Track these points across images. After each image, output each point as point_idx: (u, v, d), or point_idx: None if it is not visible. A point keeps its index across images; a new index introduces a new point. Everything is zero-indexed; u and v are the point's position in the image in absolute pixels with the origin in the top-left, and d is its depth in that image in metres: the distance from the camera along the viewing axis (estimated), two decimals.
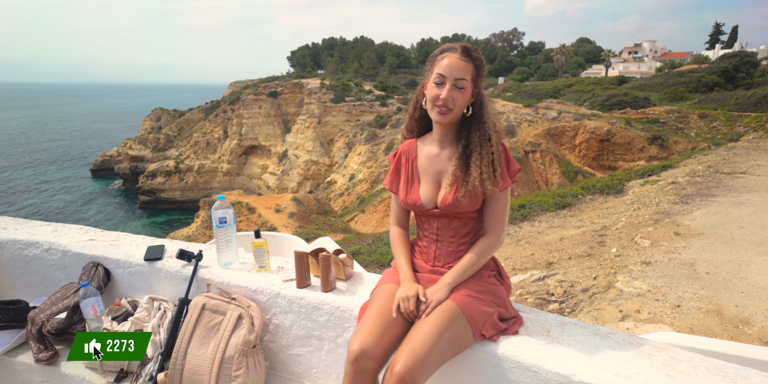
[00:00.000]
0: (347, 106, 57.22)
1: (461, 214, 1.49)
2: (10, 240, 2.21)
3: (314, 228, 27.11)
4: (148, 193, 56.58)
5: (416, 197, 1.54)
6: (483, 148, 1.45)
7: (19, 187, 57.55)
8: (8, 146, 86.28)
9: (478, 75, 1.47)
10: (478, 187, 1.42)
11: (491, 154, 1.44)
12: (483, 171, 1.42)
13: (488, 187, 1.42)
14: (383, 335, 1.35)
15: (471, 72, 1.44)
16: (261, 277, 1.83)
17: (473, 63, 1.44)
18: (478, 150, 1.45)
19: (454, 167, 1.48)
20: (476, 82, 1.46)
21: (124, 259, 2.01)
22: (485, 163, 1.43)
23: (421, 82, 1.58)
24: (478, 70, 1.46)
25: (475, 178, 1.42)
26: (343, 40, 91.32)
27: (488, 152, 1.44)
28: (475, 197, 1.45)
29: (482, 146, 1.45)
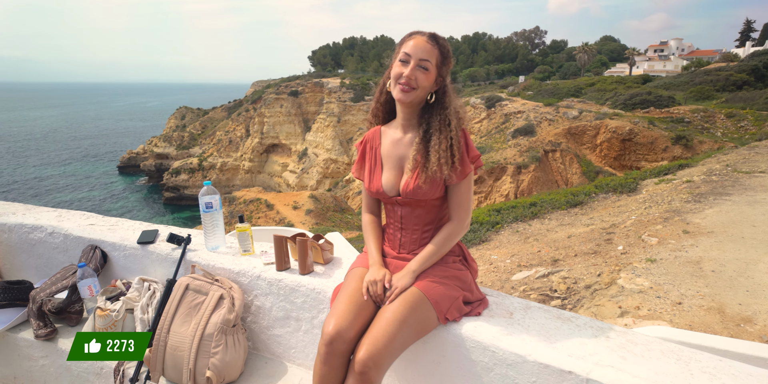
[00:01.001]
0: (366, 105, 57.38)
1: (424, 202, 1.51)
2: (18, 224, 2.35)
3: (330, 225, 27.36)
4: (172, 189, 57.95)
5: (378, 184, 1.56)
6: (442, 132, 1.45)
7: (49, 182, 59.71)
8: (41, 143, 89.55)
9: (444, 63, 1.49)
10: (437, 172, 1.44)
11: (450, 138, 1.45)
12: (441, 156, 1.43)
13: (446, 172, 1.44)
14: (356, 318, 1.39)
15: (436, 57, 1.46)
16: (244, 260, 1.90)
17: (439, 49, 1.47)
18: (437, 134, 1.46)
19: (415, 152, 1.50)
20: (441, 69, 1.49)
21: (120, 243, 2.11)
22: (443, 148, 1.44)
23: (387, 69, 1.61)
24: (444, 58, 1.48)
25: (434, 163, 1.43)
26: (364, 39, 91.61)
27: (447, 137, 1.45)
28: (435, 183, 1.47)
29: (441, 131, 1.46)
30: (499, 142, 35.63)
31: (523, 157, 32.03)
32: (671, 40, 77.56)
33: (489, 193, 30.92)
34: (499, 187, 31.05)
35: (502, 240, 7.11)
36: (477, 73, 71.17)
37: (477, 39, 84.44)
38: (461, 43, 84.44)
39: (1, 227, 2.38)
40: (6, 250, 2.42)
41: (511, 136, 35.06)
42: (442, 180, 1.47)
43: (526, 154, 32.29)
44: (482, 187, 31.07)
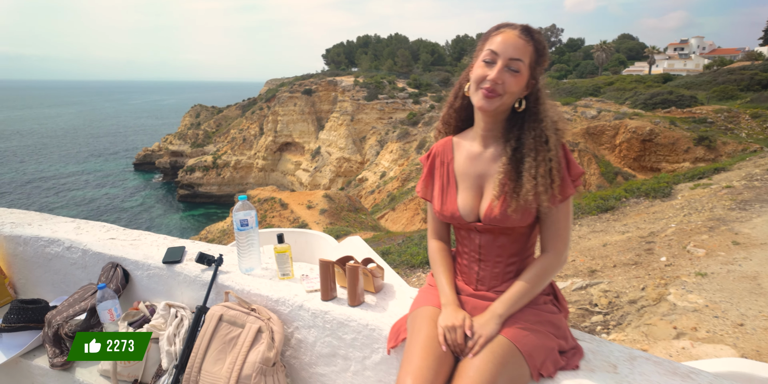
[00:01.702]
0: (380, 103, 57.19)
1: (510, 229, 1.25)
2: (34, 237, 2.16)
3: (345, 225, 27.20)
4: (187, 187, 58.45)
5: (453, 207, 1.30)
6: (539, 152, 1.19)
7: (69, 180, 60.71)
8: (60, 140, 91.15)
9: (538, 62, 1.23)
10: (532, 202, 1.19)
11: (548, 160, 1.19)
12: (538, 183, 1.18)
13: (544, 203, 1.19)
14: (437, 376, 1.15)
15: (530, 55, 1.20)
16: (284, 285, 1.68)
17: (534, 45, 1.20)
18: (532, 155, 1.20)
19: (502, 174, 1.23)
20: (534, 69, 1.23)
21: (143, 261, 1.91)
22: (541, 173, 1.18)
23: (467, 67, 1.35)
24: (539, 56, 1.22)
25: (528, 191, 1.18)
26: (378, 37, 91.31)
27: (545, 159, 1.19)
28: (528, 212, 1.21)
29: (537, 151, 1.20)
30: None
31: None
32: (692, 38, 75.78)
33: None
34: None
35: None
36: None
37: None
38: (476, 41, 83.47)
39: (17, 240, 2.20)
40: (21, 264, 2.24)
41: None
42: (536, 208, 1.22)
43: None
44: None
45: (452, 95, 1.39)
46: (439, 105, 54.82)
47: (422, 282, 6.61)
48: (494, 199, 1.23)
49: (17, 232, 2.20)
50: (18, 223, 2.30)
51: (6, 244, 2.23)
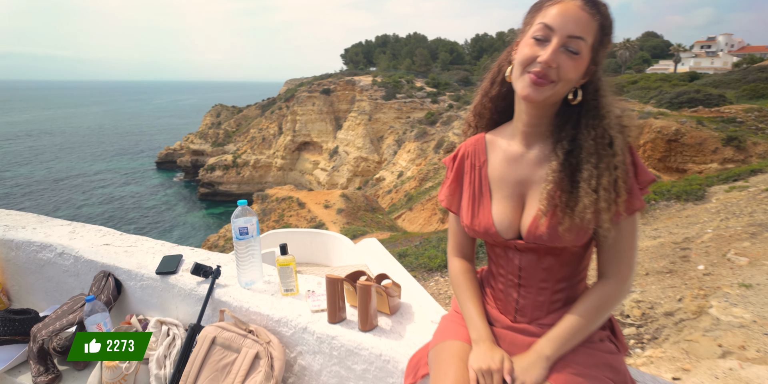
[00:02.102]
0: (398, 102, 56.96)
1: (559, 249, 1.01)
2: (26, 241, 2.02)
3: (361, 225, 27.08)
4: (208, 185, 59.27)
5: (487, 221, 1.07)
6: (601, 158, 0.95)
7: (95, 178, 62.26)
8: (87, 138, 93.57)
9: (602, 43, 0.97)
10: (591, 220, 0.95)
11: (613, 168, 0.94)
12: (600, 197, 0.93)
13: (605, 225, 0.95)
14: None
15: (594, 33, 0.94)
16: (287, 303, 1.48)
17: (600, 20, 0.95)
18: (592, 161, 0.95)
19: (552, 184, 0.99)
20: (597, 52, 0.97)
21: (136, 271, 1.74)
22: (604, 185, 0.94)
23: (508, 46, 1.11)
24: (604, 35, 0.97)
25: (585, 208, 0.94)
26: (396, 36, 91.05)
27: (609, 166, 0.94)
28: (583, 231, 0.97)
29: (600, 155, 0.95)
30: None
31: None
32: (719, 35, 73.34)
33: None
34: None
35: None
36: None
37: (513, 36, 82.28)
38: (495, 40, 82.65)
39: (9, 244, 2.06)
40: (14, 270, 2.10)
41: None
42: (594, 226, 0.98)
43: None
44: None
45: (488, 80, 1.14)
46: (458, 104, 54.24)
47: (440, 287, 6.35)
48: (541, 213, 0.99)
49: (9, 236, 2.06)
50: (12, 225, 2.16)
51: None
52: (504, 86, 1.10)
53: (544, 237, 0.99)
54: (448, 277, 6.88)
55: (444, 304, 5.65)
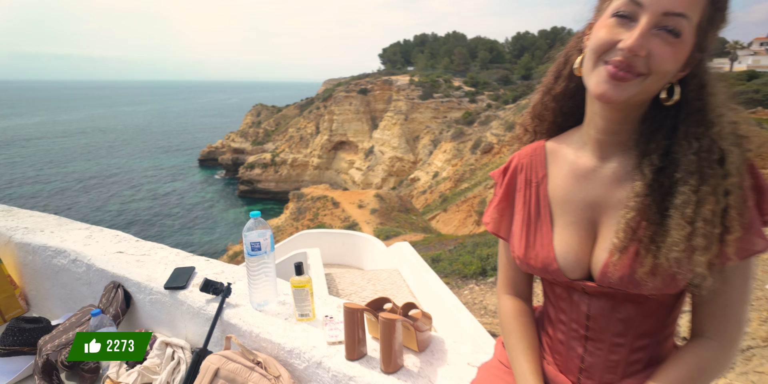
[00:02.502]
0: (435, 102, 56.45)
1: (643, 296, 0.77)
2: (42, 245, 1.94)
3: (395, 225, 26.92)
4: (247, 183, 60.84)
5: (547, 254, 0.83)
6: (705, 180, 0.70)
7: (142, 173, 65.31)
8: (135, 136, 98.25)
9: (712, 21, 0.71)
10: (684, 263, 0.69)
11: (723, 193, 0.69)
12: (697, 231, 0.68)
13: (699, 269, 0.69)
14: None
15: (701, 7, 0.68)
16: (300, 331, 1.30)
17: None
18: (691, 183, 0.70)
19: (633, 211, 0.74)
20: (705, 34, 0.71)
21: (146, 283, 1.61)
22: (705, 215, 0.68)
23: (579, 31, 0.85)
24: (715, 10, 0.70)
25: (674, 244, 0.69)
26: (435, 35, 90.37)
27: (717, 190, 0.69)
28: (673, 276, 0.71)
29: (703, 176, 0.70)
30: None
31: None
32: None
33: None
34: None
35: None
36: None
37: (555, 33, 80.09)
38: (538, 38, 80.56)
39: (26, 248, 1.99)
40: (31, 274, 2.03)
41: None
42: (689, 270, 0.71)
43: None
44: None
45: (552, 74, 0.90)
46: (496, 104, 53.08)
47: (475, 295, 6.06)
48: (616, 249, 0.75)
49: (27, 240, 1.99)
50: (31, 228, 2.10)
51: (17, 252, 2.04)
52: (572, 81, 0.86)
53: (621, 280, 0.74)
54: (483, 285, 6.56)
55: (477, 314, 5.37)
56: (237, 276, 1.63)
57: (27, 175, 59.15)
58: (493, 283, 6.30)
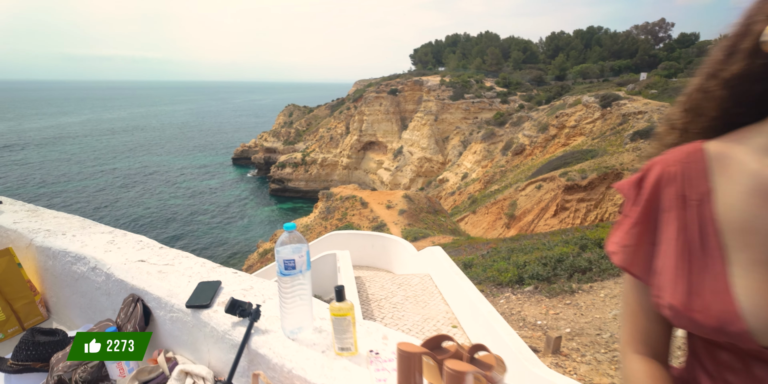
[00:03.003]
0: (465, 103, 55.69)
1: None
2: (62, 250, 1.81)
3: (423, 227, 26.58)
4: (278, 181, 61.78)
5: (727, 308, 0.58)
6: None
7: (179, 170, 67.40)
8: (173, 134, 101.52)
9: None
10: None
11: None
12: None
13: None
14: None
15: None
16: (341, 369, 1.08)
17: None
18: None
19: None
20: None
21: (167, 299, 1.43)
22: None
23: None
24: None
25: None
26: (467, 35, 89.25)
27: None
28: None
29: None
30: (615, 144, 31.95)
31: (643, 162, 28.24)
32: None
33: (600, 202, 27.80)
34: (613, 195, 27.76)
35: None
36: (589, 70, 65.42)
37: (591, 33, 77.69)
38: (573, 38, 78.28)
39: (46, 252, 1.87)
40: (52, 280, 1.91)
41: (629, 138, 31.25)
42: None
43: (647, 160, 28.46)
44: (592, 194, 28.02)
45: (721, 51, 0.66)
46: (529, 104, 51.78)
47: (512, 305, 5.74)
48: None
49: (48, 243, 1.87)
50: (53, 231, 1.98)
51: (38, 256, 1.92)
52: (755, 59, 0.61)
53: None
54: (520, 294, 6.21)
55: (516, 326, 5.06)
56: (267, 293, 1.43)
57: (72, 171, 62.01)
58: (530, 292, 5.95)
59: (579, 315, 4.83)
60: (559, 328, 4.68)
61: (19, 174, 58.77)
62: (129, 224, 40.95)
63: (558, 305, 5.25)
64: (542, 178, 30.40)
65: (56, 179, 57.12)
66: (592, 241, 7.22)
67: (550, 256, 6.72)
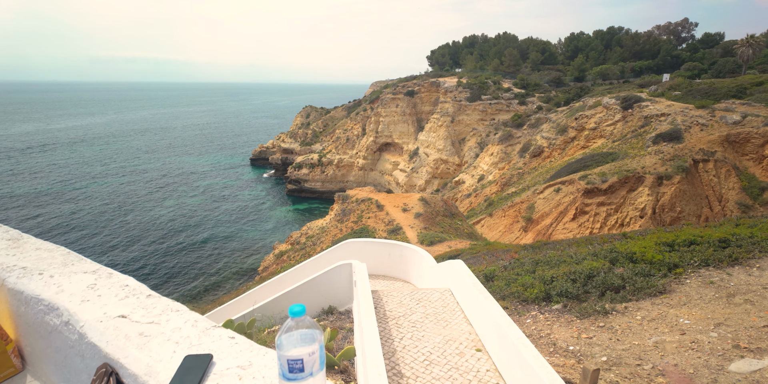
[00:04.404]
0: (483, 104, 54.96)
1: None
2: (35, 297, 1.53)
3: (439, 230, 26.15)
4: (294, 182, 61.96)
5: None
6: None
7: (198, 169, 68.33)
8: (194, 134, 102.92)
9: None
10: None
11: None
12: None
13: None
14: None
15: None
16: None
17: None
18: None
19: None
20: None
21: (144, 378, 1.13)
22: None
23: None
24: None
25: None
26: (485, 37, 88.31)
27: None
28: None
29: None
30: (636, 147, 31.01)
31: (666, 166, 27.34)
32: None
33: (620, 206, 26.96)
34: (634, 199, 26.90)
35: (691, 294, 5.18)
36: (609, 71, 64.02)
37: (611, 34, 76.08)
38: (593, 39, 76.75)
39: (18, 296, 1.60)
40: (25, 328, 1.64)
41: (651, 141, 30.32)
42: None
43: (669, 163, 27.53)
44: (612, 197, 27.19)
45: None
46: (547, 106, 50.78)
47: (539, 326, 5.35)
48: None
49: (20, 286, 1.60)
50: (30, 269, 1.71)
51: (10, 300, 1.65)
52: None
53: None
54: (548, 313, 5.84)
55: (546, 351, 4.68)
56: (269, 373, 1.12)
57: (96, 170, 63.25)
58: (559, 311, 5.56)
59: (615, 341, 4.44)
60: (594, 355, 4.30)
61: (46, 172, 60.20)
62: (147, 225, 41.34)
63: (590, 328, 4.86)
64: (561, 181, 29.72)
65: (80, 177, 58.36)
66: (623, 254, 6.78)
67: (579, 272, 6.31)
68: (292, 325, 0.83)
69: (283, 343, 0.82)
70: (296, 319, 0.82)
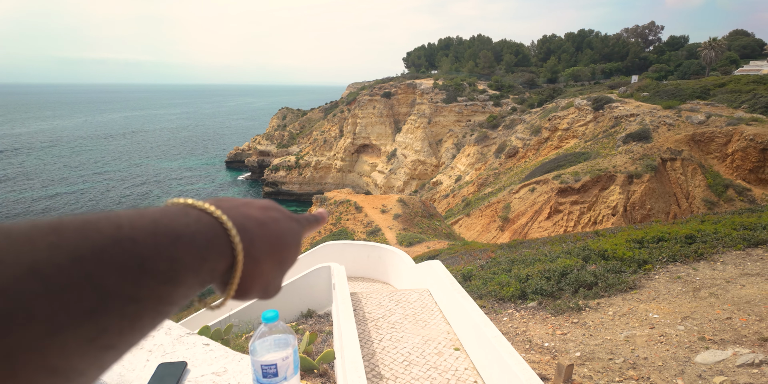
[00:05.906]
0: (459, 106, 55.60)
1: None
2: None
3: (418, 231, 26.30)
4: (272, 184, 61.26)
5: None
6: None
7: (172, 173, 66.72)
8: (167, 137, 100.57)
9: None
10: None
11: None
12: None
13: None
14: None
15: None
16: None
17: None
18: None
19: None
20: None
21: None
22: None
23: None
24: None
25: None
26: (460, 39, 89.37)
27: None
28: None
29: None
30: (607, 147, 31.89)
31: (636, 165, 28.23)
32: None
33: (593, 204, 27.67)
34: (606, 197, 27.65)
35: (659, 289, 5.37)
36: (581, 73, 65.71)
37: (582, 36, 78.15)
38: (564, 41, 78.67)
39: None
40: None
41: (621, 141, 31.23)
42: None
43: (639, 162, 28.44)
44: (585, 196, 27.90)
45: None
46: (521, 107, 51.78)
47: (515, 323, 5.45)
48: None
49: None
50: None
51: None
52: None
53: None
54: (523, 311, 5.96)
55: (522, 348, 4.78)
56: (244, 379, 1.13)
57: (66, 175, 61.17)
58: (534, 308, 5.69)
59: (588, 336, 4.57)
60: (568, 350, 4.42)
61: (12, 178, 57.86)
62: None
63: (565, 324, 4.99)
64: (536, 181, 30.32)
65: (49, 183, 56.32)
66: (596, 252, 6.97)
67: (553, 269, 6.46)
68: (265, 331, 0.84)
69: (257, 349, 0.83)
70: (269, 324, 0.84)
